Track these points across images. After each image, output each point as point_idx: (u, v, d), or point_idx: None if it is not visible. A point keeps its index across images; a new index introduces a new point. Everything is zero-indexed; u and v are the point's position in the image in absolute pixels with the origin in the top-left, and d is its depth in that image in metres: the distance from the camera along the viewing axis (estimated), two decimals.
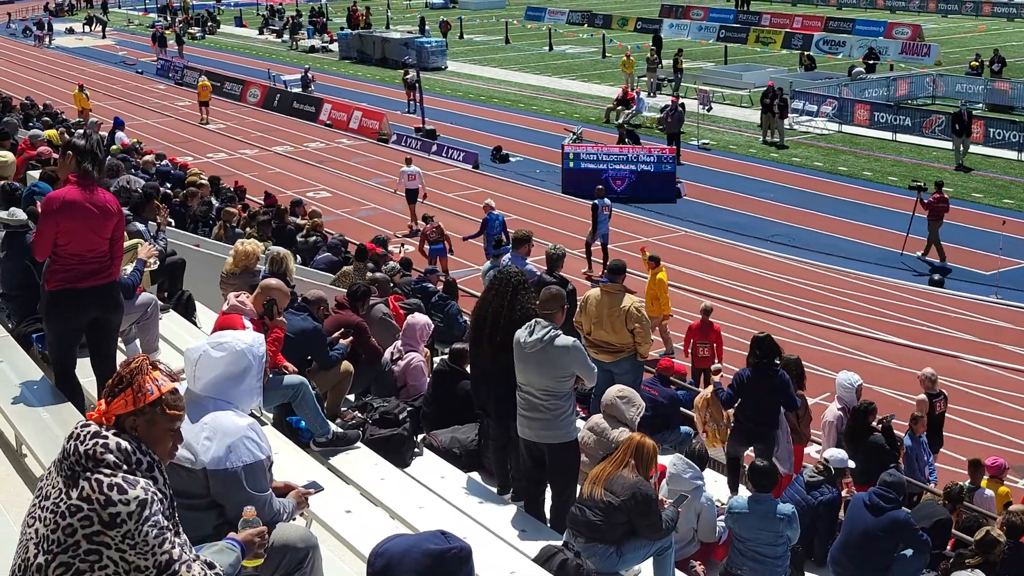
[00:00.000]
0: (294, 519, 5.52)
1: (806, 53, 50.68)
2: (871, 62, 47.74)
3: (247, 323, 7.22)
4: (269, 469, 5.27)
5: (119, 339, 9.16)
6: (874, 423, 11.97)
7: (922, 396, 13.33)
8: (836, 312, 21.20)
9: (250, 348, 5.31)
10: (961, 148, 32.33)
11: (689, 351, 17.36)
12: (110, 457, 3.97)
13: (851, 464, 10.61)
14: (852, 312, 21.21)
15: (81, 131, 20.94)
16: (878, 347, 19.44)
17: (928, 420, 13.29)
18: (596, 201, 23.71)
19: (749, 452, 11.09)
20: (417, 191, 27.67)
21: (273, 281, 8.02)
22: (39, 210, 7.92)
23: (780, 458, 10.67)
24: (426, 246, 22.95)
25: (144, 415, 4.12)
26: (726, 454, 11.37)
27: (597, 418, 8.82)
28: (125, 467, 3.98)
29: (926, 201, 23.99)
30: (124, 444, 4.02)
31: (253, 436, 5.12)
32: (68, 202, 7.13)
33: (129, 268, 9.30)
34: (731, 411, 11.32)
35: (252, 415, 5.44)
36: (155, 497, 3.99)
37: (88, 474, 3.93)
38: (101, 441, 3.99)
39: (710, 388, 11.64)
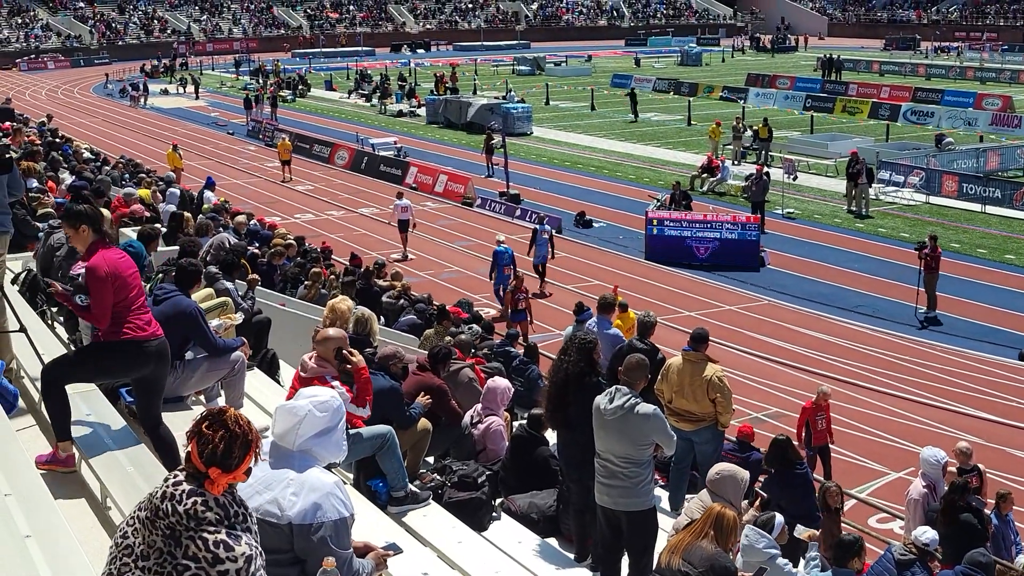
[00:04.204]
0: None
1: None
2: None
3: (335, 384, 7.33)
4: (350, 527, 5.29)
5: (202, 395, 9.32)
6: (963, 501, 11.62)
7: (952, 470, 12.83)
8: (922, 385, 20.83)
9: (343, 404, 5.48)
10: None
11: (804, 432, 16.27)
12: (211, 515, 4.05)
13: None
14: (938, 386, 20.83)
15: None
16: (965, 422, 19.02)
17: None
18: (537, 226, 27.67)
19: None
20: (408, 221, 31.21)
21: (331, 331, 8.00)
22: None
23: None
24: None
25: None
26: None
27: (704, 494, 8.71)
28: (226, 522, 4.07)
29: (929, 254, 24.76)
30: (222, 499, 4.11)
31: (338, 493, 5.16)
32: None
33: (215, 322, 9.49)
34: None
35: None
36: (258, 551, 4.10)
37: (191, 533, 4.01)
38: (200, 500, 4.07)
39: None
